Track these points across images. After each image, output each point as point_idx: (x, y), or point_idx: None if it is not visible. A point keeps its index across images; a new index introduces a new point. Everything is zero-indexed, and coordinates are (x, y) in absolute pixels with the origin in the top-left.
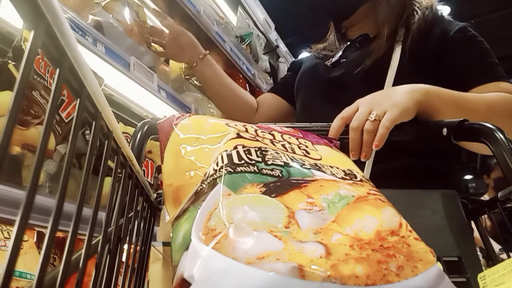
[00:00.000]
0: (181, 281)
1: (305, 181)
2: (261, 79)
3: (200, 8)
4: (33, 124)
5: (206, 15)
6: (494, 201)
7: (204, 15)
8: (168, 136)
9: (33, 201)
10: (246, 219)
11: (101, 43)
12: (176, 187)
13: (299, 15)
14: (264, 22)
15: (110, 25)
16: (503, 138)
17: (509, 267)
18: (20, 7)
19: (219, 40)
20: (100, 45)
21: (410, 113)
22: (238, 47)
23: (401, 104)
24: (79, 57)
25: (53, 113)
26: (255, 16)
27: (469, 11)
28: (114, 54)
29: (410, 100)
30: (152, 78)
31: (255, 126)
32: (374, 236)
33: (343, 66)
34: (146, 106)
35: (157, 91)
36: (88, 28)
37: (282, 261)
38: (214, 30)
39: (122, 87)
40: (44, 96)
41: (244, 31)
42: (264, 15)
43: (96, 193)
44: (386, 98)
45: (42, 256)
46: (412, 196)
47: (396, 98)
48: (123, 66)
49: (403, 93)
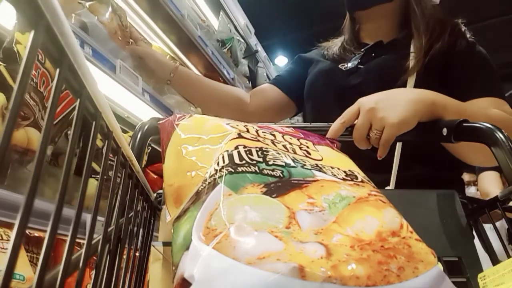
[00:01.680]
0: (182, 281)
1: (306, 181)
2: (240, 83)
3: (184, 12)
4: (22, 125)
5: (190, 19)
6: (494, 201)
7: (188, 19)
8: (169, 136)
9: (32, 203)
10: (246, 219)
11: (88, 45)
12: (177, 187)
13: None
14: (244, 27)
15: (95, 27)
16: (503, 138)
17: (509, 267)
18: (19, 7)
19: (202, 44)
20: (87, 47)
21: (410, 125)
22: (219, 51)
23: (400, 120)
24: (79, 57)
25: (53, 114)
26: (236, 20)
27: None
28: (101, 57)
29: (412, 112)
30: (137, 81)
31: (256, 126)
32: (375, 236)
33: (361, 74)
34: (129, 108)
35: (141, 94)
36: (76, 30)
37: (283, 262)
38: (197, 34)
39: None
40: (33, 97)
41: (226, 36)
42: (245, 20)
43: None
44: (387, 107)
45: (42, 256)
46: (412, 196)
47: (398, 110)
48: (109, 69)
49: (408, 101)
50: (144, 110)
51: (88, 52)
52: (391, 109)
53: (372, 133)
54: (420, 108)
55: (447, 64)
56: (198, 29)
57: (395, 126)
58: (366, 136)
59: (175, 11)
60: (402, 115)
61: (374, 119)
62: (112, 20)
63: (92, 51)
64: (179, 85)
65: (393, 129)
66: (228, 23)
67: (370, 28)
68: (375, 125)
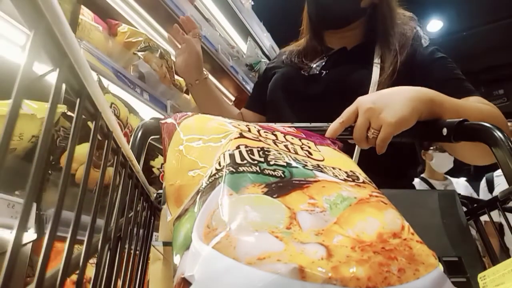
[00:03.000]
0: (182, 281)
1: (307, 182)
2: None
3: (218, 46)
4: None
5: (223, 52)
6: (494, 201)
7: (221, 52)
8: (171, 135)
9: (31, 206)
10: (247, 219)
11: (147, 92)
12: (178, 186)
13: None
14: (270, 48)
15: (150, 75)
16: (503, 138)
17: (509, 267)
18: (20, 7)
19: (233, 72)
20: (145, 94)
21: (407, 124)
22: (248, 75)
23: (397, 119)
24: (79, 57)
25: (53, 114)
26: (262, 43)
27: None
28: (156, 100)
29: (410, 110)
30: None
31: (258, 126)
32: (375, 238)
33: (322, 82)
34: None
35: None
36: (136, 80)
37: (283, 262)
38: (230, 65)
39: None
40: None
41: (253, 60)
42: (270, 42)
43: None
44: (385, 106)
45: (42, 256)
46: (412, 196)
47: (396, 108)
48: (161, 109)
49: (406, 100)
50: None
51: (146, 98)
52: (389, 108)
53: (370, 132)
54: (418, 106)
55: (414, 76)
56: (230, 59)
57: (393, 125)
58: (365, 136)
59: (210, 47)
60: (400, 114)
61: (372, 118)
62: (162, 66)
63: (149, 97)
64: (196, 92)
65: (391, 128)
66: (255, 48)
67: (334, 36)
68: (373, 124)
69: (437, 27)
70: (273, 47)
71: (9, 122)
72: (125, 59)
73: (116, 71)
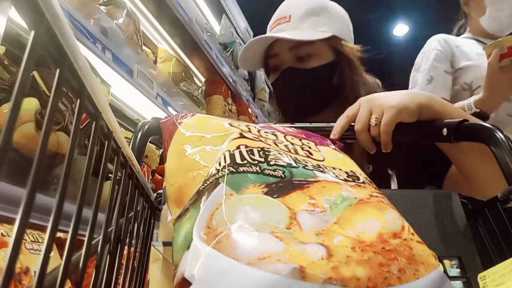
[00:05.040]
0: (182, 281)
1: (308, 182)
2: (241, 87)
3: (192, 16)
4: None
5: (198, 23)
6: (494, 201)
7: (196, 23)
8: (171, 135)
9: (33, 200)
10: (247, 219)
11: (109, 50)
12: (179, 186)
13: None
14: (244, 30)
15: (114, 32)
16: (503, 138)
17: (509, 267)
18: (20, 7)
19: (207, 47)
20: (108, 52)
21: (410, 112)
22: (222, 54)
23: (398, 103)
24: (79, 57)
25: (53, 114)
26: (237, 24)
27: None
28: (120, 62)
29: (411, 100)
30: (152, 85)
31: (258, 126)
32: (376, 238)
33: None
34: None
35: (155, 97)
36: (98, 35)
37: (283, 262)
38: (204, 39)
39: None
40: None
41: (228, 39)
42: (245, 24)
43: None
44: (385, 97)
45: (42, 256)
46: (412, 196)
47: (395, 98)
48: (126, 73)
49: (404, 94)
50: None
51: (108, 57)
52: (389, 97)
53: (372, 121)
54: (418, 99)
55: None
56: (204, 33)
57: (394, 107)
58: (367, 127)
59: (184, 15)
60: (401, 99)
61: (373, 106)
62: (128, 25)
63: (112, 56)
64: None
65: (393, 110)
66: (230, 27)
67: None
68: (374, 111)
69: (403, 32)
70: (247, 29)
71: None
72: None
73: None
